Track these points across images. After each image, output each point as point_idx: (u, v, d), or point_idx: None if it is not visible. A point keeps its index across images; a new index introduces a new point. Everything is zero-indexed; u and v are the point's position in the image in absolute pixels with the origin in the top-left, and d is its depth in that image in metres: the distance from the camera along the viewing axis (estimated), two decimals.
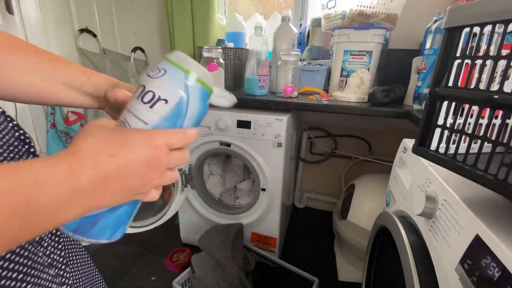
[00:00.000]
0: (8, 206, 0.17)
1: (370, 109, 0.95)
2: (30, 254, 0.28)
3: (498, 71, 0.34)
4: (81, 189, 0.20)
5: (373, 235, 0.75)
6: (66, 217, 0.21)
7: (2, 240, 0.18)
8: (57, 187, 0.19)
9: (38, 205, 0.18)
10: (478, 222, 0.36)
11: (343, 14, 1.07)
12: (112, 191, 0.22)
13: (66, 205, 0.20)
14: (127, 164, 0.22)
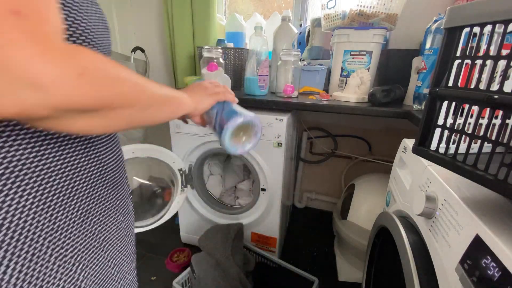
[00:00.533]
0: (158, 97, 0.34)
1: (370, 109, 0.95)
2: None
3: (498, 71, 0.34)
4: (182, 95, 0.41)
5: (373, 235, 0.75)
6: (187, 107, 0.42)
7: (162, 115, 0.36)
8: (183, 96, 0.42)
9: (179, 101, 0.40)
10: (478, 222, 0.36)
11: (343, 14, 1.07)
12: (196, 93, 0.46)
13: (186, 100, 0.42)
14: (194, 88, 0.48)
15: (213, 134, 0.62)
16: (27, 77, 0.20)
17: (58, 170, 0.31)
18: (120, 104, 0.27)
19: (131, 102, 0.29)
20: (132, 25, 1.68)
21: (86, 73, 0.23)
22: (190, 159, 1.20)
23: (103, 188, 0.38)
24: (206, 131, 1.12)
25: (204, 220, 1.31)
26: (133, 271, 0.48)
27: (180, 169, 1.13)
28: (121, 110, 0.28)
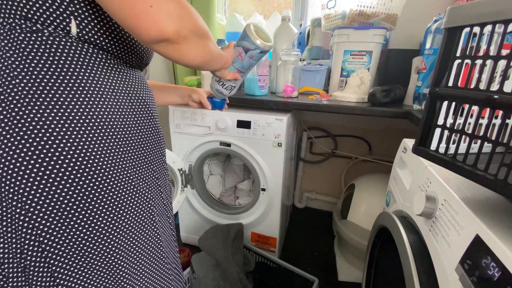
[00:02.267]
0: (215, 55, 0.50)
1: (370, 109, 0.95)
2: None
3: (498, 71, 0.34)
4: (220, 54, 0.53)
5: (373, 235, 0.75)
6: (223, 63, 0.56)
7: (211, 59, 0.49)
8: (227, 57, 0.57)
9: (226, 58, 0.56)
10: (478, 222, 0.36)
11: (343, 14, 1.07)
12: (218, 59, 0.53)
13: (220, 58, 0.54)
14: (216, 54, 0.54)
15: (213, 134, 0.80)
16: (176, 14, 0.37)
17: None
18: (203, 45, 0.44)
19: (207, 48, 0.46)
20: None
21: (197, 21, 0.41)
22: (190, 159, 1.21)
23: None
24: (206, 131, 1.12)
25: (204, 220, 1.31)
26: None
27: (180, 169, 1.13)
28: (202, 49, 0.45)
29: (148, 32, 0.36)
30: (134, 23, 0.36)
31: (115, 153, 0.43)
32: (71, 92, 0.38)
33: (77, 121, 0.39)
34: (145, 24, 0.36)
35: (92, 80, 0.41)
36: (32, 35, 0.36)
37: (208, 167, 1.40)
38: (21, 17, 0.36)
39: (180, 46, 0.41)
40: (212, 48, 0.47)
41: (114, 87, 0.44)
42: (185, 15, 0.39)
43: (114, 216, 0.44)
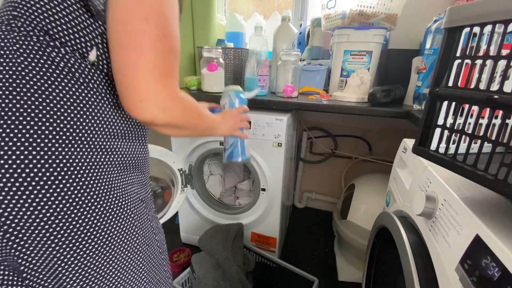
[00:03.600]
0: (207, 124, 0.58)
1: (370, 109, 0.95)
2: None
3: (498, 71, 0.34)
4: (220, 122, 0.67)
5: (373, 235, 0.75)
6: (220, 131, 0.67)
7: (200, 127, 0.55)
8: (219, 120, 0.66)
9: (218, 123, 0.65)
10: (478, 222, 0.36)
11: (343, 14, 1.07)
12: (225, 123, 0.69)
13: (220, 126, 0.67)
14: (228, 116, 0.72)
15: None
16: (166, 109, 0.42)
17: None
18: (191, 126, 0.52)
19: (196, 127, 0.53)
20: None
21: (184, 109, 0.46)
22: (190, 159, 1.21)
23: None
24: None
25: (204, 220, 1.31)
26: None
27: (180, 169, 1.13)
28: (190, 129, 0.52)
29: (140, 119, 0.42)
30: (129, 110, 0.41)
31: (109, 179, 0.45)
32: (76, 108, 0.39)
33: (75, 141, 0.39)
34: (137, 114, 0.41)
35: (98, 102, 0.42)
36: (47, 48, 0.38)
37: (208, 167, 1.40)
38: (41, 30, 0.37)
39: (168, 130, 0.47)
40: (201, 127, 0.55)
41: (117, 112, 0.46)
42: (174, 106, 0.43)
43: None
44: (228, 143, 0.77)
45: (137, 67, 0.39)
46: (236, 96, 0.76)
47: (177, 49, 0.43)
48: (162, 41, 0.40)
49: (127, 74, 0.39)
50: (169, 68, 0.41)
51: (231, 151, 0.77)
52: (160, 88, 0.40)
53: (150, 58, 0.39)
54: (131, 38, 0.39)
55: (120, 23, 0.39)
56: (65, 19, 0.39)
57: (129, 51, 0.39)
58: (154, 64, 0.39)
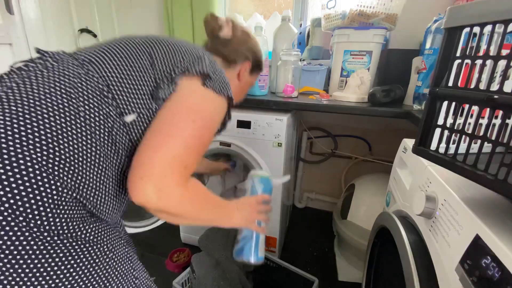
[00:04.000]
0: (212, 208, 0.55)
1: (370, 109, 0.95)
2: None
3: (498, 71, 0.34)
4: (234, 211, 0.61)
5: (373, 235, 0.75)
6: (233, 221, 0.61)
7: (206, 220, 0.54)
8: (232, 210, 0.62)
9: (228, 214, 0.61)
10: (478, 222, 0.36)
11: (343, 14, 1.07)
12: (241, 212, 0.62)
13: (231, 217, 0.61)
14: (243, 205, 0.64)
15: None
16: (162, 196, 0.41)
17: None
18: (190, 217, 0.49)
19: (196, 218, 0.51)
20: (132, 25, 1.68)
21: (184, 199, 0.45)
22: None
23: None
24: None
25: None
26: None
27: None
28: (189, 220, 0.50)
29: (135, 199, 0.41)
30: (129, 185, 0.41)
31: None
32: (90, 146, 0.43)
33: None
34: (134, 192, 0.41)
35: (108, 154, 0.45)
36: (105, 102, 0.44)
37: None
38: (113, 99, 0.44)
39: (162, 215, 0.45)
40: (204, 218, 0.53)
41: None
42: (172, 194, 0.42)
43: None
44: (241, 235, 0.67)
45: (159, 149, 0.42)
46: (261, 182, 0.68)
47: (203, 150, 0.49)
48: (195, 141, 0.45)
49: (148, 154, 0.42)
50: (187, 162, 0.44)
51: (241, 247, 0.66)
52: (166, 173, 0.41)
53: (175, 148, 0.43)
54: (171, 129, 0.44)
55: (170, 114, 0.45)
56: (135, 97, 0.45)
57: (163, 136, 0.43)
58: (173, 155, 0.42)
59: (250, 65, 0.69)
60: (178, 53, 0.49)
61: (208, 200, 0.52)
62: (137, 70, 0.45)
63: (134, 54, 0.46)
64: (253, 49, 0.69)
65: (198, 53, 0.51)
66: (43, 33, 1.33)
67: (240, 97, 0.75)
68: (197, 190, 0.48)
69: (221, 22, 0.65)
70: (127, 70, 0.45)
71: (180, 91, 0.46)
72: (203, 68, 0.48)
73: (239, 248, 0.67)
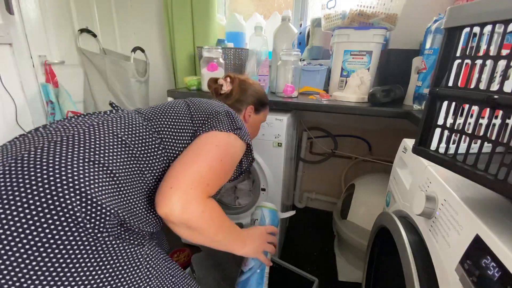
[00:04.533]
0: (227, 229, 0.56)
1: (370, 109, 0.95)
2: None
3: (498, 71, 0.34)
4: (246, 239, 0.62)
5: (373, 235, 0.75)
6: (244, 249, 0.61)
7: (217, 239, 0.54)
8: (245, 238, 0.63)
9: (242, 241, 0.61)
10: (478, 222, 0.36)
11: (343, 14, 1.07)
12: (251, 241, 0.63)
13: (244, 244, 0.62)
14: (254, 234, 0.66)
15: None
16: (186, 206, 0.46)
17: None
18: (208, 234, 0.52)
19: (214, 237, 0.53)
20: (132, 25, 1.68)
21: (205, 215, 0.49)
22: None
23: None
24: None
25: None
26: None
27: None
28: (207, 237, 0.52)
29: (160, 208, 0.45)
30: (157, 196, 0.47)
31: None
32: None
33: None
34: (162, 201, 0.45)
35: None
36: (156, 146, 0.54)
37: None
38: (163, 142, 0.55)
39: (183, 230, 0.49)
40: (220, 238, 0.55)
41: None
42: (196, 208, 0.47)
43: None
44: (248, 266, 0.66)
45: (189, 166, 0.49)
46: (270, 213, 0.71)
47: (225, 177, 0.55)
48: (218, 163, 0.52)
49: (178, 168, 0.49)
50: (209, 180, 0.50)
51: (248, 277, 0.65)
52: (192, 186, 0.47)
53: (201, 166, 0.50)
54: (198, 150, 0.53)
55: (198, 141, 0.55)
56: (179, 140, 0.56)
57: (192, 154, 0.52)
58: (200, 171, 0.49)
59: (253, 108, 0.79)
60: (211, 108, 0.62)
61: (225, 222, 0.55)
62: (181, 124, 0.57)
63: (178, 115, 0.58)
64: (253, 94, 0.80)
65: (224, 108, 0.63)
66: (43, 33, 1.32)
67: (254, 134, 0.87)
68: (217, 209, 0.53)
69: (220, 81, 0.78)
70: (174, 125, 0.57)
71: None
72: (236, 123, 0.59)
73: (245, 279, 0.66)
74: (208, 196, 0.50)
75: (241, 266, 0.68)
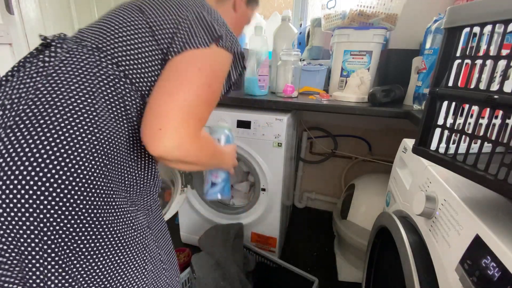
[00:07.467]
0: (214, 155, 0.55)
1: (370, 109, 0.95)
2: None
3: (498, 71, 0.34)
4: (227, 157, 0.67)
5: (373, 235, 0.75)
6: (226, 165, 0.67)
7: (208, 165, 0.59)
8: (227, 155, 0.67)
9: (225, 159, 0.65)
10: (478, 222, 0.36)
11: (343, 14, 1.07)
12: (229, 159, 0.68)
13: (225, 161, 0.65)
14: (230, 152, 0.70)
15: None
16: (180, 146, 0.43)
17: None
18: (201, 164, 0.52)
19: (206, 164, 0.55)
20: None
21: (198, 150, 0.46)
22: None
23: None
24: None
25: (204, 220, 1.31)
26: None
27: None
28: (200, 166, 0.52)
29: (154, 150, 0.42)
30: (145, 139, 0.42)
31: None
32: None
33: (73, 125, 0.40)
34: (154, 143, 0.42)
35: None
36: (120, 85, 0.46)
37: None
38: (122, 72, 0.45)
39: (178, 165, 0.47)
40: (211, 164, 0.57)
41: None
42: (190, 145, 0.44)
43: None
44: (219, 178, 0.77)
45: (173, 99, 0.42)
46: (229, 133, 0.80)
47: (214, 101, 0.48)
48: (205, 90, 0.45)
49: (160, 103, 0.42)
50: (201, 112, 0.45)
51: (222, 187, 0.78)
52: (184, 124, 0.42)
53: (188, 98, 0.43)
54: (179, 78, 0.43)
55: (174, 67, 0.44)
56: (147, 70, 0.46)
57: (173, 83, 0.43)
58: (189, 104, 0.43)
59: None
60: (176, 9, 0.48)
61: (215, 149, 0.56)
62: (142, 46, 0.46)
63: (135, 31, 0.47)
64: None
65: (193, 9, 0.48)
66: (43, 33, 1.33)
67: (238, 32, 0.75)
68: (208, 141, 0.52)
69: None
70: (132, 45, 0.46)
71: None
72: (214, 28, 0.47)
73: (220, 188, 0.78)
74: (200, 130, 0.46)
75: (209, 179, 0.78)
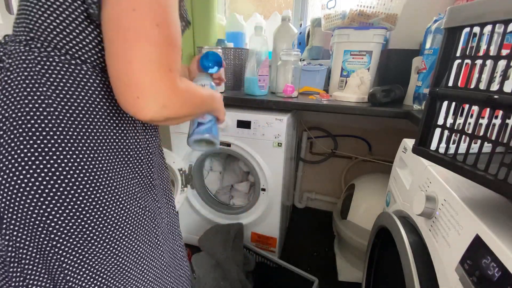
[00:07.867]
0: (207, 106, 0.54)
1: (370, 109, 0.95)
2: None
3: (498, 71, 0.34)
4: (218, 100, 0.60)
5: (373, 235, 0.75)
6: (211, 106, 0.57)
7: (199, 112, 0.53)
8: (215, 97, 0.58)
9: (215, 104, 0.58)
10: (478, 222, 0.36)
11: (343, 14, 1.07)
12: (218, 102, 0.61)
13: (213, 101, 0.56)
14: (218, 95, 0.61)
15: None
16: (166, 104, 0.39)
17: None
18: (192, 114, 0.51)
19: (197, 113, 0.54)
20: None
21: (185, 101, 0.43)
22: (190, 159, 1.21)
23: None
24: None
25: (204, 220, 1.31)
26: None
27: (180, 169, 1.13)
28: (191, 117, 0.53)
29: (138, 117, 0.39)
30: (126, 108, 0.39)
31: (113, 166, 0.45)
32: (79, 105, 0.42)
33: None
34: (138, 112, 0.38)
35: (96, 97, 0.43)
36: (70, 66, 0.41)
37: (210, 162, 1.40)
38: (61, 49, 0.40)
39: (168, 122, 0.45)
40: (201, 111, 0.55)
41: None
42: (175, 101, 0.40)
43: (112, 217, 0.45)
44: (207, 118, 0.71)
45: (130, 61, 0.36)
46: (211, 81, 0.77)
47: (175, 38, 0.40)
48: (155, 31, 0.36)
49: (119, 69, 0.37)
50: (167, 60, 0.38)
51: (210, 126, 0.71)
52: (158, 82, 0.37)
53: (143, 51, 0.36)
54: (120, 32, 0.36)
55: (108, 19, 0.37)
56: (80, 37, 0.40)
57: (118, 44, 0.36)
58: (149, 57, 0.36)
59: None
60: None
61: (202, 95, 0.50)
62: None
63: None
64: None
65: None
66: None
67: None
68: (190, 88, 0.45)
69: None
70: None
71: None
72: None
73: (209, 127, 0.70)
74: (177, 76, 0.41)
75: (195, 121, 0.70)
